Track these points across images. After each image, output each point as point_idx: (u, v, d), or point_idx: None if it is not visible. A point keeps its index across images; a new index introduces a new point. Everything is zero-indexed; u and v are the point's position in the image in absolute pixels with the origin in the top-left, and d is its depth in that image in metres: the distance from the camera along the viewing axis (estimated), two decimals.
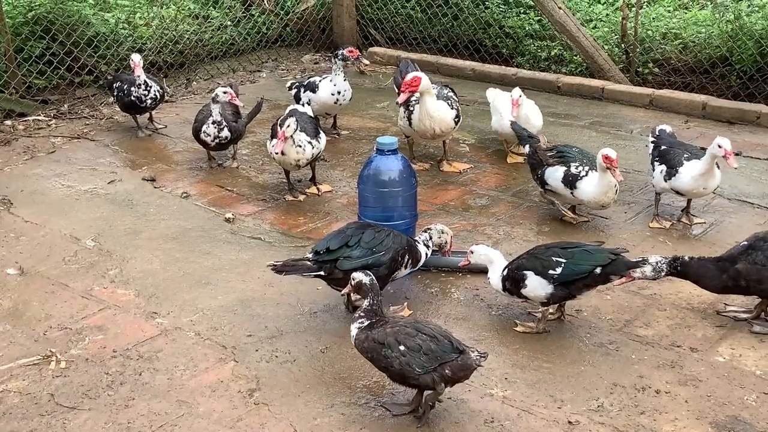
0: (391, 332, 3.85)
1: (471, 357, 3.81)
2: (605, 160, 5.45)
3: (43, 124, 8.09)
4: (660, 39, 9.00)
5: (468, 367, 3.81)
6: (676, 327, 4.67)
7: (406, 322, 3.92)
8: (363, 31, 10.67)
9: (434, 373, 3.76)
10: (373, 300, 3.99)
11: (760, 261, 4.47)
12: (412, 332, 3.83)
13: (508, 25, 9.73)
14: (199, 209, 6.28)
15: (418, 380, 3.80)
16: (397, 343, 3.80)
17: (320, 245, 4.67)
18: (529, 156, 6.12)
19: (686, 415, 3.97)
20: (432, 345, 3.78)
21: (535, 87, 8.86)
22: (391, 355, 3.81)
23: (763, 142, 7.30)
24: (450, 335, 3.89)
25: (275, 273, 4.58)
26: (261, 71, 9.87)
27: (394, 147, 5.33)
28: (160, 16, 9.67)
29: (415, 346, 3.78)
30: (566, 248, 4.53)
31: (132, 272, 5.35)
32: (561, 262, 4.44)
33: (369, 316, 3.98)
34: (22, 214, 6.19)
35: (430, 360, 3.76)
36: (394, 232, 4.81)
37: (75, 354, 4.51)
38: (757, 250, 4.52)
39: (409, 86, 6.31)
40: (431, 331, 3.85)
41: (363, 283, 4.03)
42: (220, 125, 6.72)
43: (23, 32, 8.49)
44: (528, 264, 4.54)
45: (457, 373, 3.80)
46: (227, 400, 4.12)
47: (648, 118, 7.97)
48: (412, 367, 3.77)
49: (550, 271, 4.44)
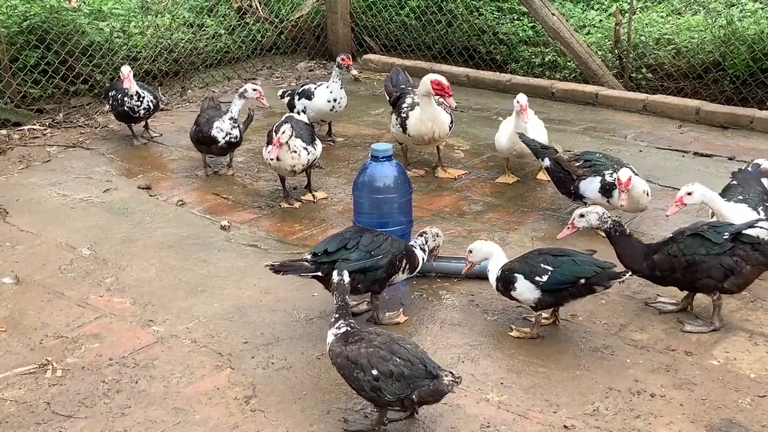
0: (365, 353, 3.75)
1: (443, 382, 3.69)
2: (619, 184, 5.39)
3: (39, 133, 8.10)
4: (653, 44, 9.03)
5: (439, 392, 3.72)
6: (670, 331, 4.69)
7: (382, 341, 3.79)
8: (357, 38, 10.69)
9: (406, 399, 3.71)
10: (340, 297, 3.98)
11: (673, 252, 4.57)
12: (387, 355, 3.71)
13: (502, 31, 9.76)
14: (194, 217, 6.28)
15: (387, 403, 3.77)
16: (370, 367, 3.70)
17: (318, 247, 4.69)
18: (552, 170, 5.97)
19: (681, 418, 3.98)
20: (405, 371, 3.68)
21: (529, 93, 8.76)
22: (362, 378, 3.73)
23: (757, 146, 7.33)
24: (425, 357, 3.78)
25: (273, 273, 4.60)
26: (256, 79, 9.88)
27: (388, 154, 5.35)
28: (155, 25, 9.69)
29: (388, 371, 3.68)
30: (557, 256, 4.54)
31: (128, 280, 5.36)
32: (548, 270, 4.46)
33: (343, 315, 3.94)
34: (17, 223, 6.19)
35: (401, 387, 3.68)
36: (393, 237, 4.83)
37: (71, 362, 4.51)
38: (675, 241, 4.61)
39: (448, 88, 6.36)
40: (406, 353, 3.73)
41: (336, 281, 4.06)
42: (235, 122, 6.77)
43: (18, 41, 8.50)
44: (518, 267, 4.56)
45: (426, 399, 3.73)
46: (223, 407, 4.13)
47: (642, 123, 8.01)
48: (383, 393, 3.69)
49: (536, 278, 4.46)
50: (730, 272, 4.51)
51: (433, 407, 4.04)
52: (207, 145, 6.86)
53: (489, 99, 8.84)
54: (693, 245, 4.56)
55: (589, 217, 4.73)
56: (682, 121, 7.99)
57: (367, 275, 4.63)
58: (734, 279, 4.53)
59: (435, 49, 10.20)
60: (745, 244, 4.53)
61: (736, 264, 4.51)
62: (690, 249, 4.55)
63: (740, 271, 4.52)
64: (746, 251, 4.52)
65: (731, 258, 4.50)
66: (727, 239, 4.53)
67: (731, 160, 7.06)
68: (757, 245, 4.53)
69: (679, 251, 4.57)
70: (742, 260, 4.51)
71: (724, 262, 4.50)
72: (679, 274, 4.58)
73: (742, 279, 4.55)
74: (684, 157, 7.20)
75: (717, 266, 4.51)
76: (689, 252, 4.54)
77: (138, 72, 9.19)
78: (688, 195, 5.03)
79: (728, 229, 4.59)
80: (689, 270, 4.54)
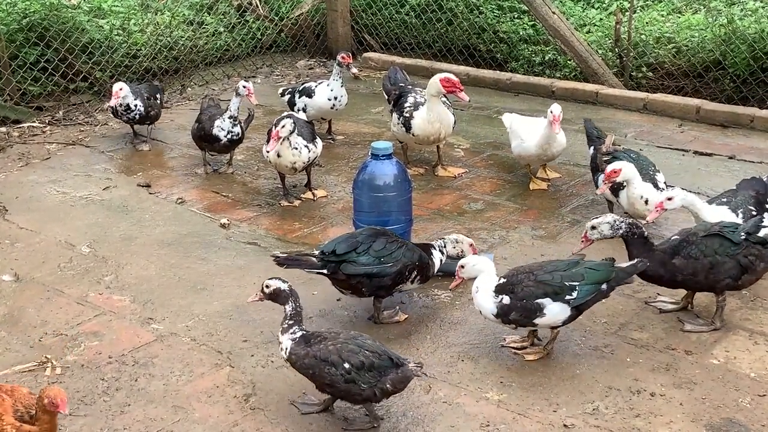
0: (335, 350, 3.79)
1: (409, 368, 3.81)
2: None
3: (38, 131, 8.09)
4: (653, 43, 9.03)
5: (407, 379, 3.83)
6: (670, 330, 4.68)
7: (346, 338, 3.86)
8: (357, 36, 10.68)
9: (376, 388, 3.77)
10: (294, 304, 3.96)
11: (695, 254, 4.52)
12: (356, 348, 3.79)
13: (502, 30, 9.75)
14: (194, 215, 6.28)
15: (361, 395, 3.80)
16: (342, 361, 3.76)
17: (328, 246, 4.65)
18: (591, 158, 6.08)
19: (681, 417, 3.98)
20: (375, 361, 3.77)
21: (529, 92, 8.88)
22: (335, 373, 3.76)
23: (757, 146, 7.32)
24: (387, 349, 3.87)
25: (277, 265, 4.58)
26: (256, 77, 9.88)
27: (388, 152, 5.34)
28: (155, 23, 9.68)
29: (359, 363, 3.75)
30: (566, 270, 4.33)
31: (127, 278, 5.35)
32: (574, 285, 4.26)
33: (298, 322, 3.94)
34: (17, 220, 6.19)
35: (374, 376, 3.75)
36: (409, 245, 4.75)
37: (71, 360, 4.51)
38: (691, 244, 4.55)
39: (458, 83, 6.39)
40: (372, 345, 3.83)
41: (281, 290, 3.98)
42: (235, 120, 6.77)
43: (18, 39, 8.49)
44: (537, 291, 4.25)
45: (397, 386, 3.81)
46: (223, 405, 4.13)
47: (642, 122, 8.00)
48: (358, 384, 3.75)
49: (566, 296, 4.25)
50: (746, 271, 4.53)
51: (432, 406, 4.05)
52: (210, 143, 6.85)
53: (489, 97, 8.83)
54: (713, 246, 4.52)
55: (601, 228, 4.56)
56: (683, 120, 7.99)
57: (372, 281, 4.60)
58: (748, 276, 4.56)
59: (435, 47, 10.19)
60: (756, 244, 4.54)
61: (752, 263, 4.52)
62: (710, 250, 4.51)
63: (754, 269, 4.55)
64: (759, 250, 4.54)
65: (746, 257, 4.52)
66: (744, 239, 4.53)
67: (731, 159, 7.06)
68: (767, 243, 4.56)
69: (701, 253, 4.51)
70: (757, 258, 4.53)
71: (742, 262, 4.51)
72: (702, 276, 4.53)
73: (755, 276, 4.60)
74: (684, 156, 7.19)
75: (736, 266, 4.51)
76: (710, 253, 4.51)
77: (138, 69, 9.20)
78: (668, 200, 5.00)
79: (744, 228, 4.60)
80: (712, 271, 4.51)
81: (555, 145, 6.37)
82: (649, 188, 5.47)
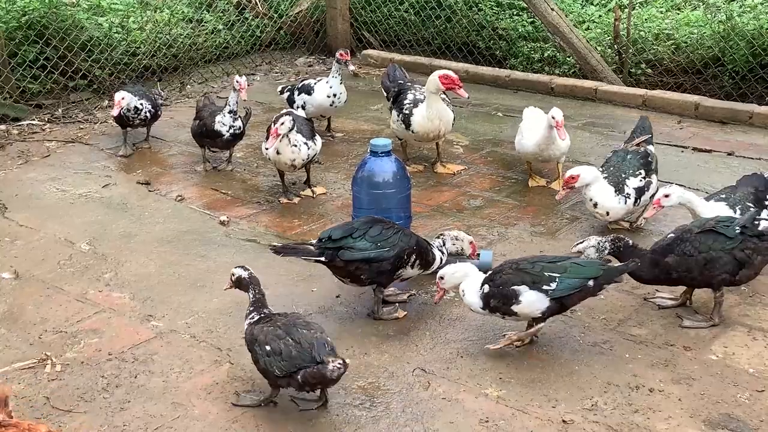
0: (264, 331, 3.96)
1: (327, 368, 3.81)
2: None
3: (38, 129, 8.10)
4: (652, 40, 9.04)
5: (322, 376, 3.83)
6: (669, 326, 4.69)
7: (284, 323, 3.97)
8: (357, 33, 10.69)
9: (289, 378, 3.86)
10: (255, 291, 4.16)
11: (689, 251, 4.53)
12: (282, 334, 3.91)
13: (501, 26, 9.76)
14: (193, 212, 6.29)
15: (276, 381, 3.93)
16: (265, 343, 3.92)
17: (324, 233, 4.68)
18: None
19: (680, 413, 3.98)
20: (293, 351, 3.84)
21: (528, 88, 8.89)
22: (259, 352, 3.94)
23: (756, 142, 7.33)
24: (317, 343, 3.87)
25: (274, 254, 4.61)
26: (255, 74, 9.89)
27: (387, 149, 5.35)
28: (154, 20, 9.68)
29: (277, 349, 3.87)
30: (553, 262, 4.36)
31: (127, 275, 5.36)
32: (555, 276, 4.26)
33: (257, 308, 4.12)
34: (16, 218, 6.19)
35: (287, 365, 3.84)
36: (405, 231, 4.78)
37: (70, 357, 4.51)
38: (685, 241, 4.56)
39: (458, 80, 6.41)
40: (299, 336, 3.89)
41: (242, 277, 4.22)
42: (235, 114, 6.78)
43: (17, 37, 8.50)
44: (515, 279, 4.30)
45: (310, 381, 3.85)
46: (222, 401, 4.13)
47: None
48: (272, 367, 3.88)
49: (544, 287, 4.25)
50: (743, 265, 4.53)
51: (431, 402, 4.06)
52: (212, 139, 6.86)
53: (488, 94, 8.84)
54: (707, 242, 4.53)
55: (587, 252, 4.63)
56: (682, 117, 7.99)
57: (371, 266, 4.60)
58: (746, 271, 4.57)
59: (434, 44, 10.20)
60: (752, 237, 4.55)
61: (748, 257, 4.53)
62: (705, 246, 4.52)
63: (752, 263, 4.55)
64: (755, 243, 4.55)
65: (742, 251, 4.52)
66: (739, 233, 4.55)
67: (730, 155, 7.07)
68: (764, 236, 4.56)
69: (695, 249, 4.52)
70: (753, 252, 4.54)
71: (738, 256, 4.52)
72: (697, 273, 4.54)
73: (753, 270, 4.60)
74: (683, 153, 7.20)
75: (731, 261, 4.52)
76: (705, 249, 4.51)
77: (137, 67, 9.21)
78: (665, 197, 5.03)
79: (739, 222, 4.61)
80: (707, 267, 4.52)
81: (553, 147, 6.33)
82: (607, 193, 5.53)
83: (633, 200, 5.60)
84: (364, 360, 4.44)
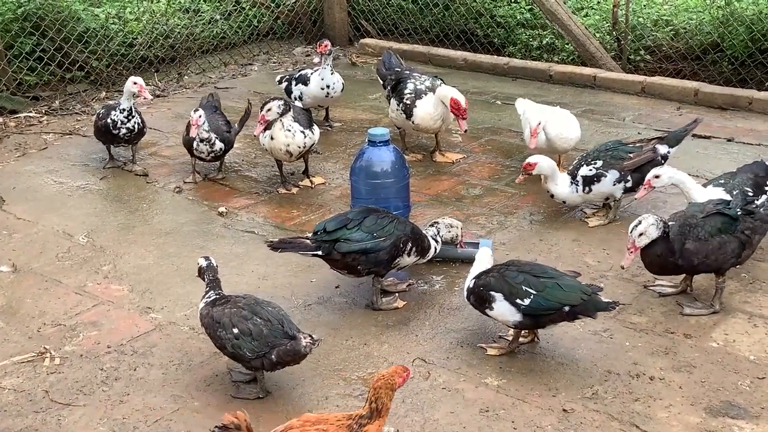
0: (228, 312, 3.96)
1: (301, 343, 3.84)
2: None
3: (35, 121, 8.07)
4: (651, 26, 8.99)
5: (296, 353, 3.86)
6: (669, 313, 4.68)
7: (246, 303, 3.99)
8: (354, 22, 10.64)
9: (263, 358, 3.86)
10: (210, 277, 4.19)
11: (703, 236, 4.49)
12: (248, 315, 3.92)
13: (499, 14, 9.71)
14: (191, 204, 6.27)
15: (249, 363, 3.93)
16: (231, 325, 3.91)
17: (319, 225, 4.68)
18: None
19: (680, 401, 3.98)
20: (264, 330, 3.85)
21: (527, 76, 8.86)
22: (225, 336, 3.92)
23: (755, 128, 7.30)
24: (285, 319, 3.93)
25: (271, 250, 4.59)
26: (252, 64, 9.85)
27: (386, 138, 5.33)
28: (151, 11, 9.64)
29: (246, 330, 3.87)
30: (539, 277, 4.19)
31: (125, 268, 5.34)
32: (530, 293, 4.13)
33: (213, 288, 4.15)
34: (14, 211, 6.18)
35: (260, 345, 3.84)
36: (400, 219, 4.78)
37: (69, 350, 4.50)
38: (695, 226, 4.52)
39: (465, 111, 6.32)
40: (267, 314, 3.92)
41: (200, 266, 4.25)
42: (210, 142, 6.33)
43: (13, 29, 8.46)
44: (496, 285, 4.22)
45: (284, 358, 3.86)
46: (222, 393, 4.13)
47: (640, 105, 7.98)
48: (243, 351, 3.87)
49: (518, 300, 4.15)
50: (744, 246, 4.54)
51: (431, 392, 4.05)
52: (196, 158, 6.50)
53: (487, 82, 8.80)
54: (716, 225, 4.52)
55: (649, 231, 4.42)
56: (681, 103, 7.96)
57: (368, 256, 4.59)
58: (747, 251, 4.59)
59: (432, 32, 10.15)
60: (746, 216, 4.56)
61: (749, 237, 4.55)
62: (715, 229, 4.51)
63: (751, 242, 4.57)
64: (753, 222, 4.56)
65: (743, 233, 4.53)
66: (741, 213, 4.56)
67: (730, 141, 7.04)
68: (759, 215, 4.58)
69: (708, 234, 4.49)
70: (752, 231, 4.56)
71: (741, 237, 4.53)
72: (713, 258, 4.50)
73: (751, 250, 4.62)
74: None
75: (736, 241, 4.52)
76: (716, 233, 4.50)
77: (134, 58, 9.17)
78: (655, 178, 5.01)
79: (736, 203, 4.62)
80: (720, 251, 4.50)
81: (560, 141, 6.26)
82: (562, 182, 5.57)
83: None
84: (363, 350, 4.43)
